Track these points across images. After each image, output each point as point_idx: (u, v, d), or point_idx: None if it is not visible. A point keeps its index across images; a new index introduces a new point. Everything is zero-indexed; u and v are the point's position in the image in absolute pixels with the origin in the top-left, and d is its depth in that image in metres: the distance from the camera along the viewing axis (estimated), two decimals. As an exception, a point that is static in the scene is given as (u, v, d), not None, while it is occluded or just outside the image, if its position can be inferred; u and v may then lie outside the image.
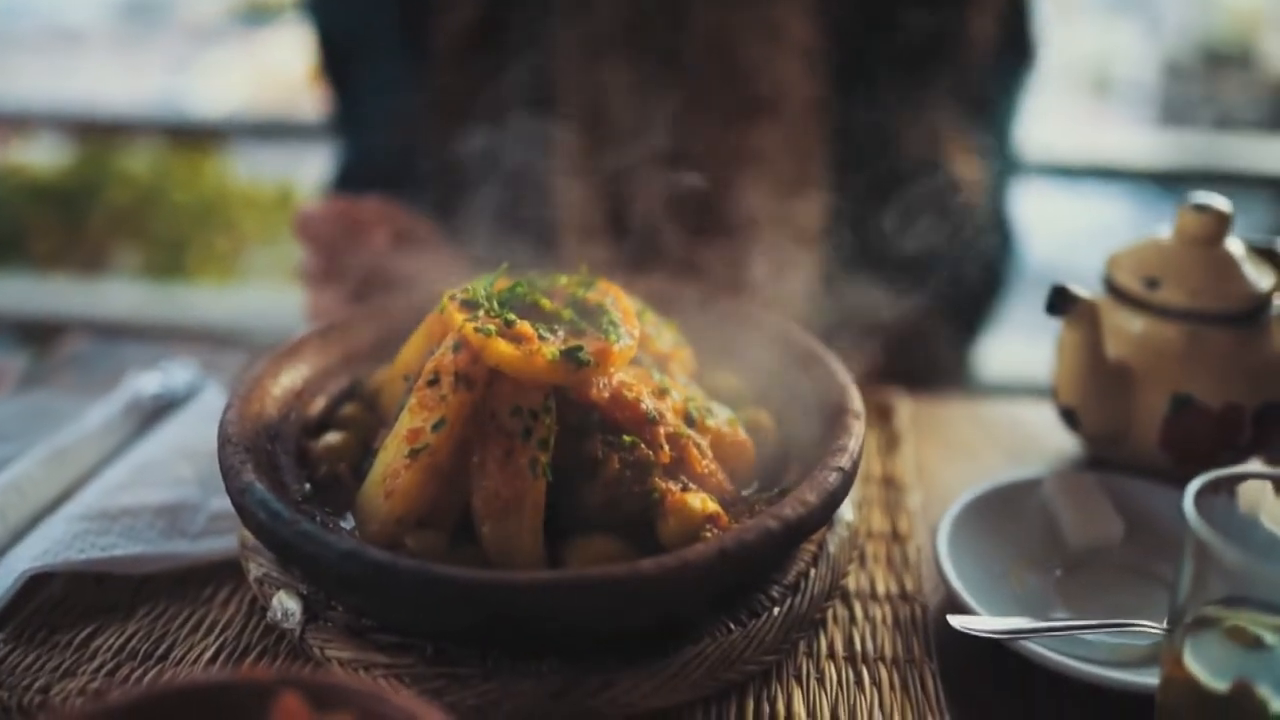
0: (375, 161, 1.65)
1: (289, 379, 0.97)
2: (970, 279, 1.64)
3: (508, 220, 1.38)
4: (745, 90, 1.49)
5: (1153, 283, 1.04)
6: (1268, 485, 0.74)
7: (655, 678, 0.77)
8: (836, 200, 1.53)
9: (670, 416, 0.87)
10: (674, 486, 0.83)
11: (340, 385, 1.02)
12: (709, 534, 0.79)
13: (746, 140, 1.50)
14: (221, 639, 0.86)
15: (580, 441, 0.84)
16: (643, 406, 0.84)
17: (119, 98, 4.80)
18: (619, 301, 0.91)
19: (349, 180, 1.66)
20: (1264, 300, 1.02)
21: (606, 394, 0.84)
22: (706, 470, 0.86)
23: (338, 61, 1.70)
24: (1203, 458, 1.03)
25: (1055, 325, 1.07)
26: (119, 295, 3.78)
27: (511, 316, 0.84)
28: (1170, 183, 4.28)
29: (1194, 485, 0.72)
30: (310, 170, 4.24)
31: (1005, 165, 1.67)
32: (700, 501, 0.81)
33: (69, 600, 0.90)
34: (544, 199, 1.46)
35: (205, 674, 0.78)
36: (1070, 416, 1.07)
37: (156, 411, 1.16)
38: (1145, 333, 1.03)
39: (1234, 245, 1.05)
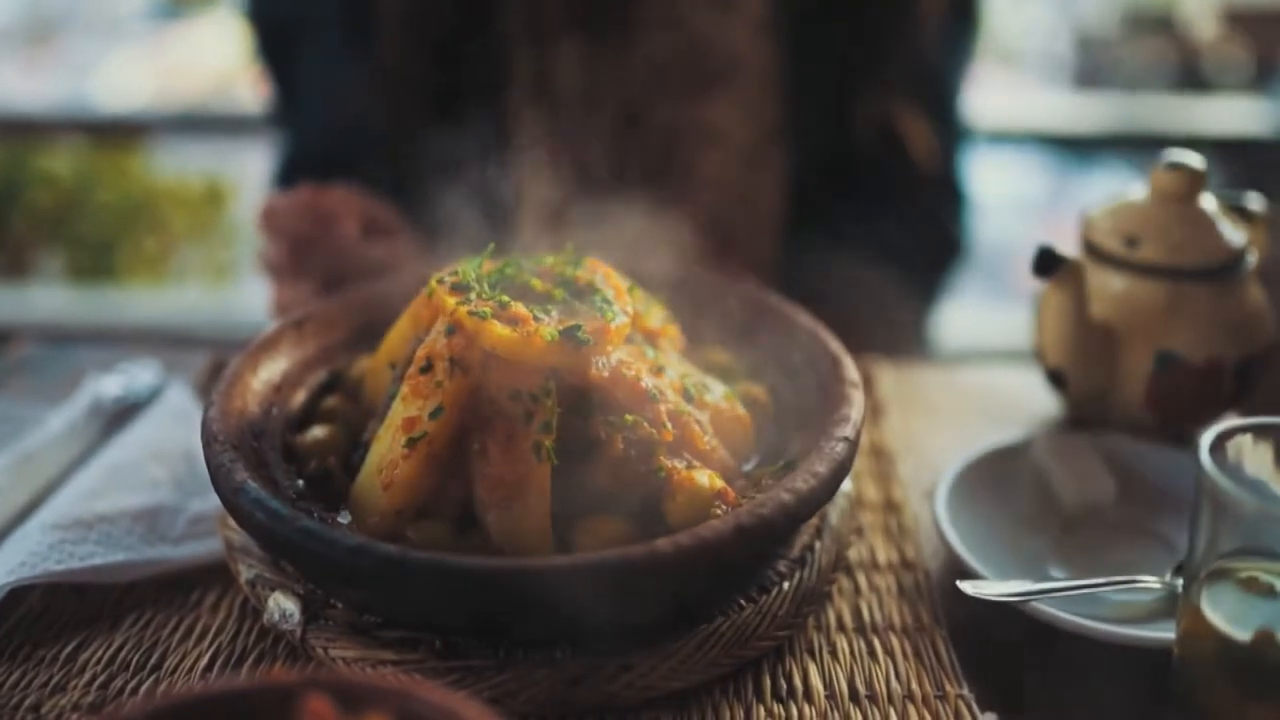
0: (321, 149, 1.60)
1: (267, 373, 0.94)
2: (927, 244, 1.64)
3: (467, 202, 1.35)
4: (699, 62, 1.47)
5: (1132, 241, 1.04)
6: (1269, 440, 0.74)
7: (672, 658, 0.76)
8: (792, 168, 1.53)
9: (670, 394, 0.85)
10: (679, 465, 0.81)
11: (319, 377, 0.98)
12: (718, 511, 0.78)
13: (701, 111, 1.49)
14: (215, 645, 0.83)
15: (581, 423, 0.82)
16: (644, 384, 0.83)
17: (32, 97, 4.64)
18: (609, 279, 0.89)
19: (296, 170, 1.61)
20: (1240, 254, 1.03)
21: (606, 373, 0.82)
22: (709, 447, 0.85)
23: (278, 47, 1.64)
24: (1187, 414, 1.04)
25: (1017, 290, 1.07)
26: (55, 300, 3.67)
27: (505, 298, 0.82)
28: (1087, 147, 4.37)
29: (1207, 438, 0.72)
30: (237, 165, 4.13)
31: (955, 131, 1.68)
32: (708, 479, 0.80)
33: (49, 613, 0.86)
34: (502, 179, 1.43)
35: (224, 681, 0.75)
36: (1058, 378, 1.08)
37: (120, 414, 1.11)
38: (1127, 291, 1.04)
39: (1207, 201, 1.05)
